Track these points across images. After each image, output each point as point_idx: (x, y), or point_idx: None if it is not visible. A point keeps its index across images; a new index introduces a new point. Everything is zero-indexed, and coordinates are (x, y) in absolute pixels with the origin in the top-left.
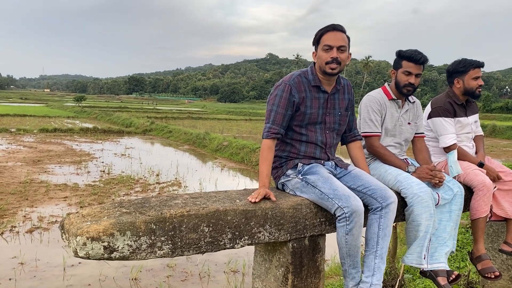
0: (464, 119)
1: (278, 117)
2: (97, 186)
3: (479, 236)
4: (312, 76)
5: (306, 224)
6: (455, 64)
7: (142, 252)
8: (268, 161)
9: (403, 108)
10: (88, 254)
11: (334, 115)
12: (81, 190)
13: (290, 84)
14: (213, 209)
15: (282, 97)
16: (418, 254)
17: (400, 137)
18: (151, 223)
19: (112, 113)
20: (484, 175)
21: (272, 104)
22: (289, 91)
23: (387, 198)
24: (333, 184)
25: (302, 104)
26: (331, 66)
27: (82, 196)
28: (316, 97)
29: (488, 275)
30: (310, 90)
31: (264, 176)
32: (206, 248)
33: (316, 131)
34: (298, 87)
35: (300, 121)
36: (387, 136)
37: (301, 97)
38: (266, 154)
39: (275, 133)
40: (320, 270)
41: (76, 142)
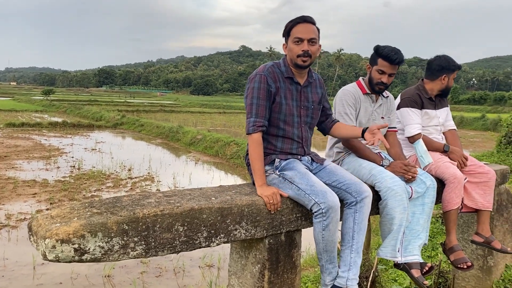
0: (432, 112)
1: (260, 109)
2: (67, 181)
3: (451, 227)
4: (284, 68)
5: (283, 220)
6: (447, 60)
7: (115, 254)
8: (261, 157)
9: (377, 102)
10: (57, 257)
11: (307, 109)
12: (51, 186)
13: (265, 74)
14: (188, 208)
15: (260, 88)
16: (392, 247)
17: None
18: (124, 224)
19: (82, 107)
20: (455, 168)
21: (252, 97)
22: (265, 81)
23: (362, 193)
24: (310, 180)
25: (277, 94)
26: (303, 58)
27: (52, 192)
28: (290, 88)
29: (460, 265)
30: (283, 81)
31: (262, 173)
32: (181, 248)
33: (293, 126)
34: (273, 77)
35: (277, 113)
36: None
37: (277, 87)
38: (258, 150)
39: (260, 125)
40: (297, 265)
41: (45, 136)
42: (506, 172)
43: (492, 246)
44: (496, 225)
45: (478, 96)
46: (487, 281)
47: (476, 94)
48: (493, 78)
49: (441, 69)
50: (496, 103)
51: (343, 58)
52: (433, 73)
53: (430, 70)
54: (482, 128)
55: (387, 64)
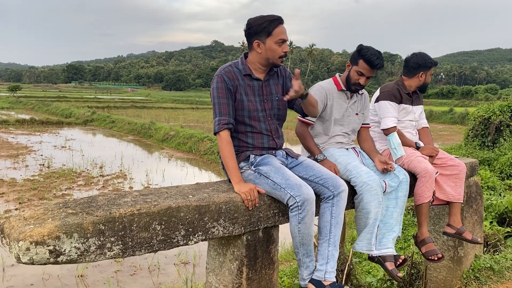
0: (409, 107)
1: (223, 107)
2: (37, 180)
3: (423, 220)
4: (242, 66)
5: (260, 216)
6: (423, 58)
7: (91, 254)
8: (232, 154)
9: (352, 99)
10: (32, 260)
11: (272, 101)
12: (20, 186)
13: (221, 74)
14: (165, 206)
15: (219, 87)
16: (368, 240)
17: (348, 127)
18: (100, 224)
19: (50, 103)
20: (427, 162)
21: (214, 97)
22: (223, 80)
23: (338, 187)
24: (285, 174)
25: (237, 92)
26: (281, 59)
27: (20, 191)
28: (250, 85)
29: (431, 257)
30: (242, 78)
31: (236, 170)
32: (158, 247)
33: (259, 120)
34: (230, 76)
35: (240, 110)
36: (335, 125)
37: (235, 85)
38: (228, 148)
39: (226, 123)
40: (274, 261)
41: (12, 134)
42: (475, 165)
43: (463, 237)
44: (466, 216)
45: (446, 90)
46: (458, 271)
47: (444, 88)
48: (460, 73)
49: (418, 67)
50: (463, 97)
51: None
52: (410, 71)
53: (408, 68)
54: (450, 122)
55: (367, 67)
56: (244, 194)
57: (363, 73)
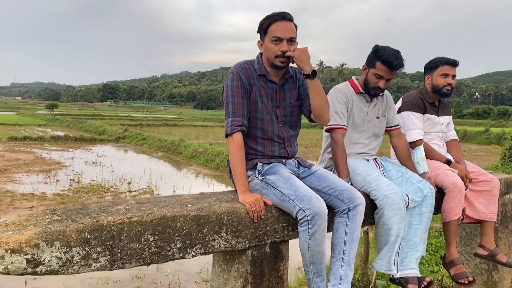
0: (435, 118)
1: (237, 107)
2: (66, 195)
3: (452, 239)
4: (258, 65)
5: (267, 230)
6: (428, 61)
7: (75, 265)
8: (242, 160)
9: (372, 102)
10: (7, 269)
11: (284, 108)
12: (49, 200)
13: (237, 71)
14: (159, 215)
15: (234, 86)
16: (388, 259)
17: (368, 132)
18: (85, 232)
19: (85, 121)
20: (455, 176)
21: (227, 96)
22: (239, 78)
23: (355, 200)
24: (294, 185)
25: (252, 91)
26: (281, 60)
27: (49, 205)
28: (264, 86)
29: (461, 280)
30: (257, 78)
31: (244, 178)
32: (151, 260)
33: (272, 124)
34: (246, 74)
35: (253, 112)
36: (355, 132)
37: (251, 83)
38: (239, 153)
39: (239, 125)
40: (283, 280)
41: (46, 150)
42: (510, 181)
43: (497, 260)
44: (501, 237)
45: (482, 110)
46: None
47: (480, 108)
48: (496, 93)
49: (425, 71)
50: (500, 117)
51: (346, 72)
52: (424, 78)
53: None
54: (486, 142)
55: (385, 69)
56: (248, 205)
57: (382, 76)
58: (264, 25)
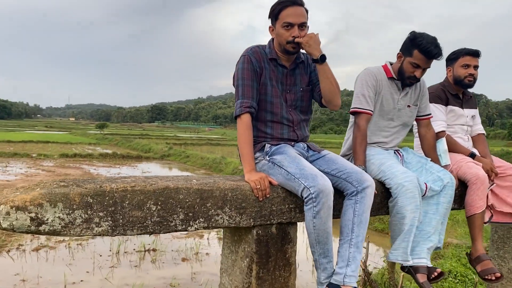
0: (459, 110)
1: (246, 89)
2: None
3: (477, 234)
4: (269, 50)
5: (273, 209)
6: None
7: (76, 228)
8: (250, 141)
9: (404, 90)
10: (12, 225)
11: (295, 93)
12: None
13: (249, 54)
14: (162, 186)
15: (245, 68)
16: (403, 249)
17: (398, 121)
18: (87, 196)
19: (133, 140)
20: (478, 168)
21: (237, 79)
22: (250, 61)
23: (363, 182)
24: (300, 164)
25: (262, 74)
26: (293, 45)
27: None
28: (274, 70)
29: (488, 276)
30: (268, 62)
31: (250, 158)
32: (153, 228)
33: (281, 109)
34: (257, 57)
35: (263, 95)
36: (383, 119)
37: (261, 66)
38: (247, 133)
39: (248, 106)
40: (291, 263)
41: (94, 166)
42: None
43: None
44: None
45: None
46: None
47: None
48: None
49: (446, 63)
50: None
51: None
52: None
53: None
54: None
55: (423, 58)
56: (253, 183)
57: (419, 65)
58: (275, 11)
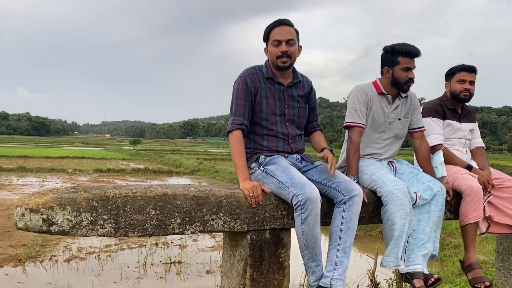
0: (456, 124)
1: (239, 108)
2: None
3: (470, 243)
4: (265, 69)
5: (266, 216)
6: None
7: (83, 229)
8: (241, 153)
9: (394, 103)
10: (26, 225)
11: (293, 108)
12: None
13: (245, 75)
14: (161, 193)
15: (239, 89)
16: (395, 255)
17: (389, 133)
18: (93, 201)
19: (164, 155)
20: (472, 179)
21: (232, 98)
22: (245, 82)
23: (351, 191)
24: (290, 173)
25: (257, 94)
26: (282, 60)
27: None
28: (271, 88)
29: (478, 285)
30: (264, 81)
31: (244, 167)
32: (152, 231)
33: (276, 124)
34: (252, 78)
35: (259, 112)
36: (375, 132)
37: (256, 87)
38: (238, 146)
39: (238, 123)
40: (285, 267)
41: (127, 181)
42: None
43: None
44: None
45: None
46: None
47: None
48: None
49: (445, 79)
50: None
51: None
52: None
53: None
54: None
55: (409, 60)
56: (246, 190)
57: (409, 67)
58: (265, 33)
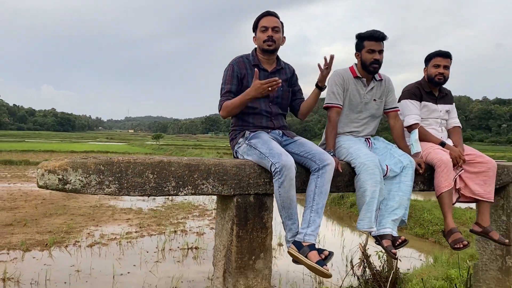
0: (432, 105)
1: (225, 90)
2: (159, 210)
3: (447, 211)
4: (252, 57)
5: (250, 182)
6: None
7: (92, 188)
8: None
9: (369, 86)
10: (46, 184)
11: (277, 90)
12: (143, 214)
13: (233, 63)
14: (158, 160)
15: (227, 75)
16: (368, 219)
17: (366, 113)
18: (100, 165)
19: (186, 150)
20: (443, 153)
21: (222, 83)
22: (233, 69)
23: (324, 160)
24: (270, 146)
25: (244, 79)
26: (268, 43)
27: (143, 218)
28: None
29: (457, 245)
30: (250, 68)
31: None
32: (151, 192)
33: (260, 103)
34: (239, 65)
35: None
36: (353, 112)
37: (243, 73)
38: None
39: (225, 99)
40: (268, 227)
41: None
42: None
43: (489, 236)
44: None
45: None
46: (506, 282)
47: None
48: None
49: (424, 64)
50: None
51: None
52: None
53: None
54: None
55: (373, 43)
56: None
57: (373, 49)
58: (255, 22)
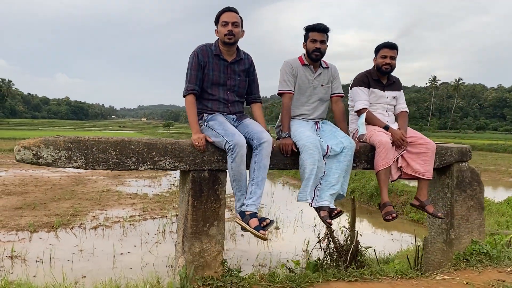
0: (379, 92)
1: (192, 77)
2: (163, 196)
3: (382, 186)
4: (214, 47)
5: (204, 159)
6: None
7: (62, 162)
8: (194, 113)
9: (316, 72)
10: (22, 158)
11: (234, 80)
12: (148, 199)
13: (197, 51)
14: (120, 139)
15: (193, 62)
16: (305, 192)
17: (315, 97)
18: (69, 143)
19: None
20: (383, 135)
21: (187, 69)
22: (197, 56)
23: (261, 139)
24: (225, 127)
25: (206, 67)
26: (228, 37)
27: (147, 203)
28: (217, 63)
29: (388, 217)
30: (212, 57)
31: (195, 124)
32: (113, 166)
33: (219, 91)
34: (203, 53)
35: (206, 82)
36: (303, 96)
37: (205, 61)
38: (191, 108)
39: (191, 89)
40: (221, 199)
41: None
42: (465, 150)
43: (425, 210)
44: (457, 200)
45: None
46: (449, 253)
47: None
48: None
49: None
50: None
51: (462, 88)
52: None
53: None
54: None
55: (316, 33)
56: (194, 141)
57: (315, 39)
58: (216, 17)
